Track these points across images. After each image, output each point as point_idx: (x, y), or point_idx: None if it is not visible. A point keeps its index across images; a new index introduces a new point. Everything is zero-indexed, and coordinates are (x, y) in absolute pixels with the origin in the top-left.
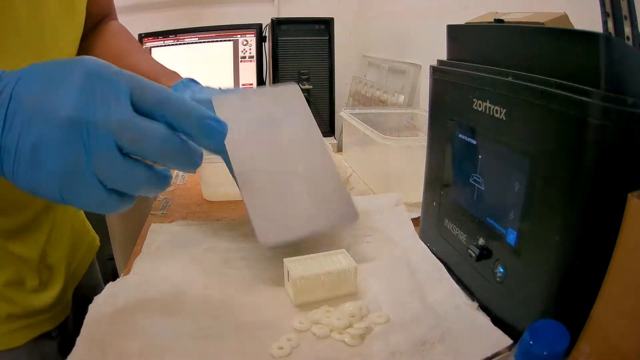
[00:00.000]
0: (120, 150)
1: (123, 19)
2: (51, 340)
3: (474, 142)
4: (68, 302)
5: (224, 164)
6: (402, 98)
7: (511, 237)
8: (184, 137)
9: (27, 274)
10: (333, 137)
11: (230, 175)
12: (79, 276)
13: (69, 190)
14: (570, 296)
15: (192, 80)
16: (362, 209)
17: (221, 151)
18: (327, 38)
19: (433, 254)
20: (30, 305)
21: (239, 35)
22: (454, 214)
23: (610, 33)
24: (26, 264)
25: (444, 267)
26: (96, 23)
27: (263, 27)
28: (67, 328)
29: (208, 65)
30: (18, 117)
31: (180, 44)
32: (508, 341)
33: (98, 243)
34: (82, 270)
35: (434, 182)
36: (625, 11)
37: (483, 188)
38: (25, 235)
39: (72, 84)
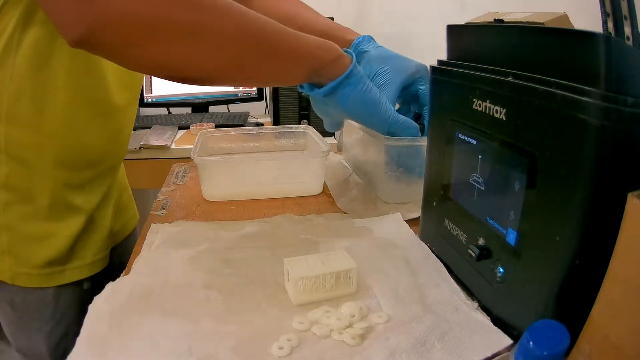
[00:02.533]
0: None
1: None
2: (81, 290)
3: (474, 142)
4: (106, 257)
5: (224, 164)
6: None
7: (511, 237)
8: None
9: (76, 223)
10: (333, 137)
11: (232, 174)
12: (119, 239)
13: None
14: (570, 296)
15: (371, 38)
16: (363, 223)
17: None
18: None
19: (433, 254)
20: (70, 252)
21: None
22: (454, 214)
23: (610, 33)
24: (79, 214)
25: (444, 267)
26: None
27: None
28: (100, 283)
29: None
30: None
31: None
32: (508, 341)
33: (138, 217)
34: (122, 234)
35: (434, 182)
36: (625, 11)
37: (483, 188)
38: (86, 190)
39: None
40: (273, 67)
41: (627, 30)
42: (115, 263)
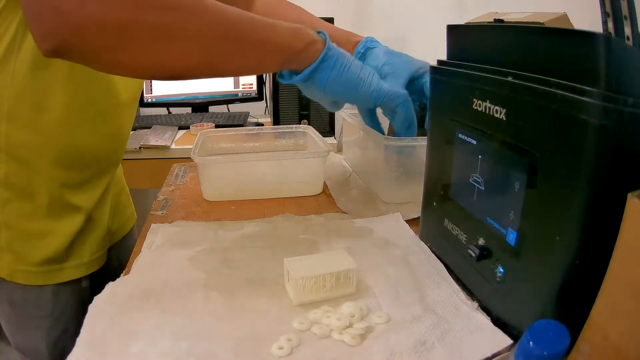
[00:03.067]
0: None
1: None
2: (80, 288)
3: (474, 142)
4: (103, 255)
5: (224, 164)
6: None
7: (511, 237)
8: None
9: (74, 222)
10: (333, 137)
11: (232, 174)
12: (116, 238)
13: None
14: (570, 296)
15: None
16: (363, 223)
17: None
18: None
19: (433, 254)
20: (68, 250)
21: None
22: (454, 214)
23: (610, 33)
24: (78, 212)
25: (444, 267)
26: None
27: None
28: (98, 282)
29: None
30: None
31: None
32: (508, 341)
33: (136, 216)
34: (120, 233)
35: (434, 182)
36: (625, 11)
37: (483, 188)
38: (84, 189)
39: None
40: (245, 60)
41: (627, 30)
42: (114, 262)
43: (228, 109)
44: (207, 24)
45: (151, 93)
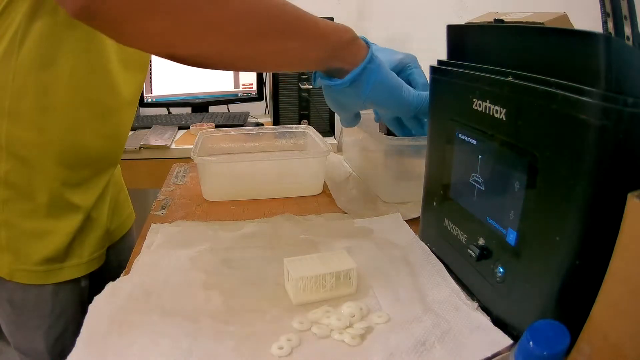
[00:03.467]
0: None
1: None
2: (79, 288)
3: (474, 142)
4: (102, 255)
5: (224, 164)
6: None
7: (511, 237)
8: None
9: (74, 221)
10: (333, 137)
11: (232, 174)
12: (115, 238)
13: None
14: (570, 296)
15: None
16: (363, 223)
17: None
18: None
19: (433, 254)
20: (68, 249)
21: None
22: (454, 214)
23: (610, 33)
24: (77, 212)
25: (444, 267)
26: None
27: None
28: (97, 281)
29: None
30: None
31: None
32: (508, 341)
33: (134, 216)
34: (119, 233)
35: (434, 182)
36: (625, 11)
37: (483, 188)
38: (83, 188)
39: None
40: (284, 48)
41: (627, 30)
42: (113, 262)
43: (228, 109)
44: (245, 3)
45: (151, 93)
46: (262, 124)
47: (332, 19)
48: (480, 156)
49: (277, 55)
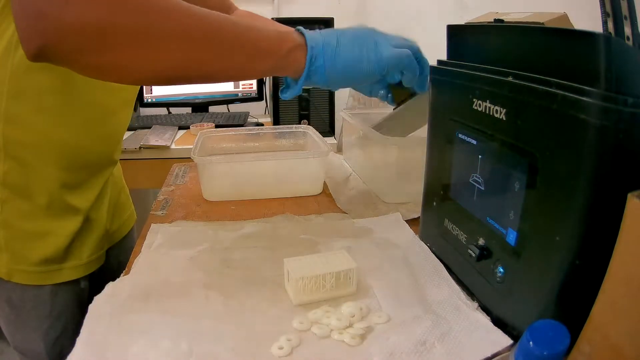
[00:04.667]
0: None
1: None
2: (79, 289)
3: (474, 142)
4: (101, 256)
5: (224, 164)
6: None
7: (511, 237)
8: None
9: (72, 222)
10: (333, 137)
11: (232, 174)
12: (116, 239)
13: (382, 55)
14: (570, 296)
15: None
16: (363, 223)
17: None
18: None
19: (433, 254)
20: (67, 251)
21: None
22: (454, 214)
23: (610, 33)
24: (76, 213)
25: (444, 267)
26: None
27: None
28: (97, 282)
29: None
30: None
31: None
32: (508, 341)
33: (135, 217)
34: (120, 234)
35: (434, 182)
36: (625, 11)
37: (483, 188)
38: (81, 190)
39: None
40: (229, 63)
41: (627, 30)
42: (113, 263)
43: (228, 109)
44: (185, 26)
45: (151, 93)
46: (262, 124)
47: (332, 19)
48: (480, 156)
49: (224, 70)
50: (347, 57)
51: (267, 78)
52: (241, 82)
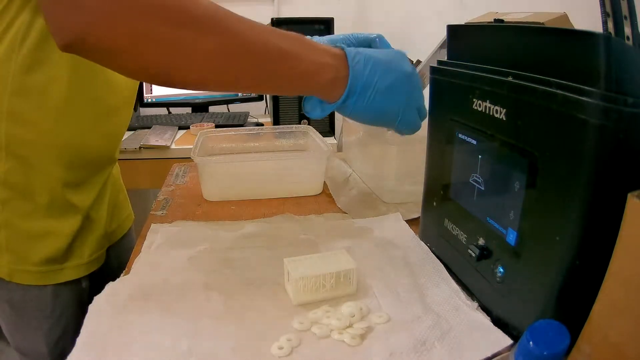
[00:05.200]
0: None
1: None
2: (80, 289)
3: (474, 142)
4: (102, 255)
5: (224, 164)
6: None
7: (511, 237)
8: None
9: (73, 221)
10: (333, 137)
11: (232, 174)
12: (115, 238)
13: (405, 114)
14: (570, 296)
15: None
16: (363, 223)
17: None
18: None
19: (433, 254)
20: (68, 250)
21: None
22: (454, 214)
23: (610, 33)
24: (77, 212)
25: (444, 267)
26: None
27: None
28: (97, 282)
29: None
30: (378, 68)
31: None
32: (508, 341)
33: (133, 217)
34: (118, 234)
35: (434, 182)
36: (625, 11)
37: (483, 188)
38: (82, 188)
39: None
40: (261, 85)
41: (627, 30)
42: (113, 263)
43: (228, 109)
44: (224, 45)
45: (151, 93)
46: (262, 124)
47: (332, 19)
48: (480, 156)
49: (257, 89)
50: (377, 108)
51: None
52: None
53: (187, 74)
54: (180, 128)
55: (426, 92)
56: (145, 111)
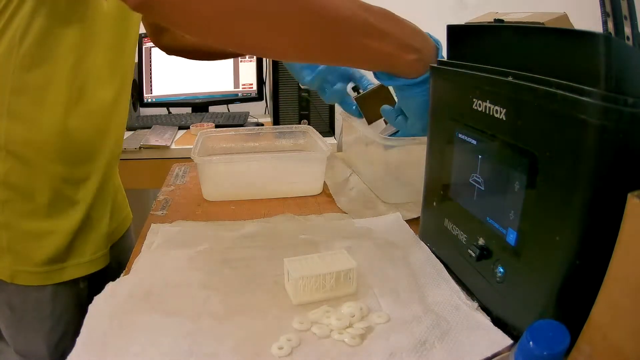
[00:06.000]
0: None
1: None
2: (78, 289)
3: (474, 142)
4: (105, 255)
5: (224, 164)
6: None
7: (511, 237)
8: None
9: (74, 219)
10: (333, 137)
11: (232, 174)
12: (114, 239)
13: None
14: (570, 296)
15: None
16: (363, 223)
17: None
18: None
19: (433, 254)
20: (69, 249)
21: None
22: (454, 214)
23: (610, 33)
24: (77, 209)
25: (444, 268)
26: None
27: None
28: (96, 283)
29: (208, 65)
30: None
31: None
32: (508, 341)
33: (132, 217)
34: (117, 234)
35: (434, 182)
36: (625, 11)
37: (483, 188)
38: (82, 185)
39: None
40: (338, 59)
41: (627, 30)
42: (112, 263)
43: (228, 109)
44: (306, 11)
45: (151, 93)
46: (262, 124)
47: None
48: (480, 156)
49: (327, 61)
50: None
51: (268, 78)
52: (241, 82)
53: (259, 41)
54: (180, 128)
55: None
56: (145, 111)
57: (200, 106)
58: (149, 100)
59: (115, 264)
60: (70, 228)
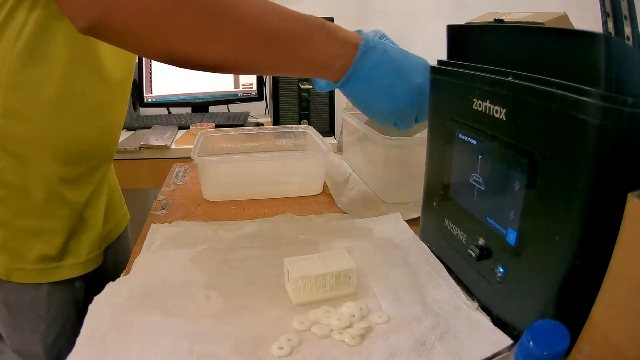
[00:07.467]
0: None
1: None
2: (74, 289)
3: (474, 142)
4: (99, 255)
5: (224, 164)
6: None
7: (511, 237)
8: None
9: (69, 219)
10: (333, 137)
11: (232, 174)
12: (111, 239)
13: (401, 119)
14: (570, 296)
15: None
16: (363, 223)
17: None
18: None
19: (433, 254)
20: (64, 248)
21: None
22: (454, 214)
23: (610, 33)
24: (73, 209)
25: (444, 268)
26: None
27: None
28: (92, 283)
29: None
30: (386, 67)
31: None
32: (508, 341)
33: (129, 217)
34: (114, 234)
35: (434, 182)
36: (625, 11)
37: (483, 188)
38: (78, 184)
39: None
40: (275, 67)
41: (627, 30)
42: (108, 263)
43: (228, 109)
44: (244, 31)
45: (151, 93)
46: (262, 124)
47: (332, 19)
48: (480, 156)
49: (271, 71)
50: (369, 102)
51: (267, 78)
52: (241, 82)
53: (207, 57)
54: (180, 128)
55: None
56: (145, 111)
57: (200, 106)
58: (149, 100)
59: (112, 264)
60: (66, 227)
